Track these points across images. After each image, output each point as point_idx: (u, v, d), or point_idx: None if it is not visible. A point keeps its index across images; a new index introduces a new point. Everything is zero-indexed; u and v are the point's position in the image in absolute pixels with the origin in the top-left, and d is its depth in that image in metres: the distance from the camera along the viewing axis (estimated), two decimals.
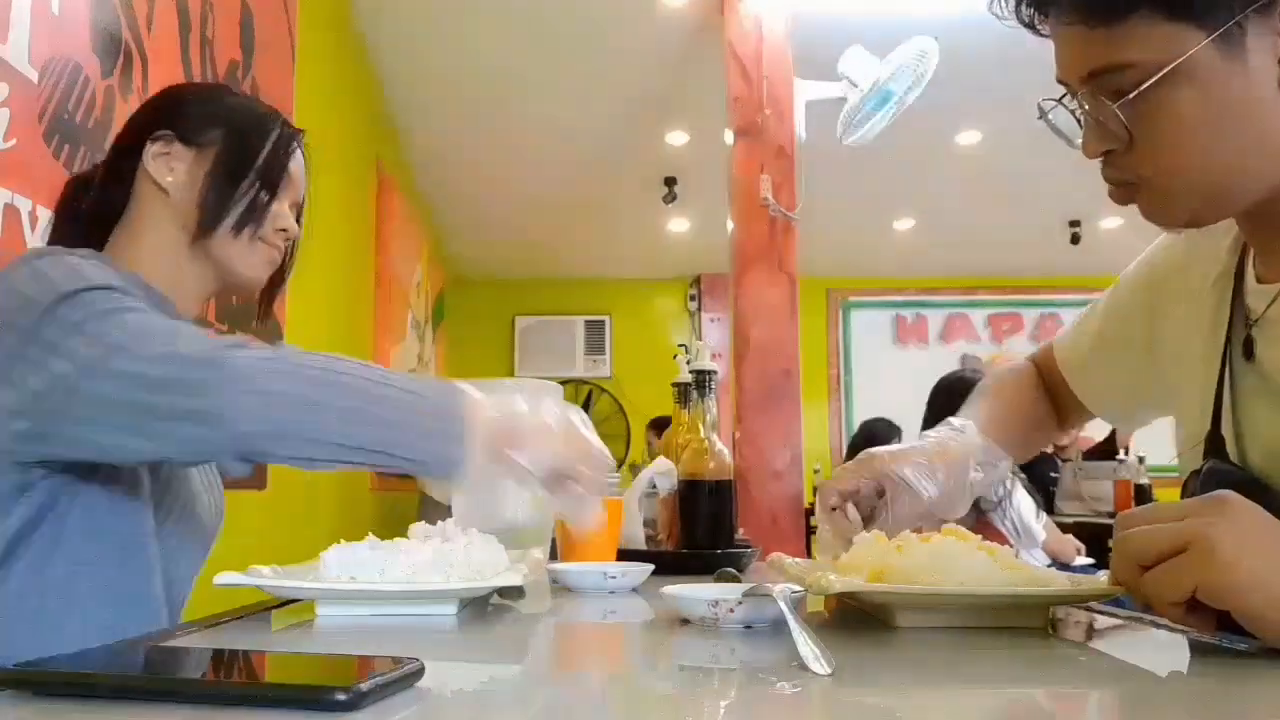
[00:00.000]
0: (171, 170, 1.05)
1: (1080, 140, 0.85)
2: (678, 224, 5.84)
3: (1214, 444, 0.89)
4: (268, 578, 0.79)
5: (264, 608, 0.87)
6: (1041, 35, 0.87)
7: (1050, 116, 0.88)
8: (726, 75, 3.31)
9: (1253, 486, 0.80)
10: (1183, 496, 0.90)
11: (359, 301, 3.77)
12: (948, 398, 3.36)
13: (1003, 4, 0.87)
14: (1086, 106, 0.83)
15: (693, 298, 7.01)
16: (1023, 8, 0.86)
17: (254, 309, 1.21)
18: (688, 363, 1.48)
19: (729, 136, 3.30)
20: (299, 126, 1.14)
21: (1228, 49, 0.76)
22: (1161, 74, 0.77)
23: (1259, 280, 0.89)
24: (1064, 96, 0.86)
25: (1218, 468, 0.86)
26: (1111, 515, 4.02)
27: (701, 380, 1.46)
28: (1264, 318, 0.86)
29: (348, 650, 0.57)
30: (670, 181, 5.12)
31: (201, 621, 0.81)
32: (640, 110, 4.33)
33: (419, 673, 0.51)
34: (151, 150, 1.05)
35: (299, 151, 1.13)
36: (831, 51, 2.77)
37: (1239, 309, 0.91)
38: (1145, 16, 0.77)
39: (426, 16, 3.57)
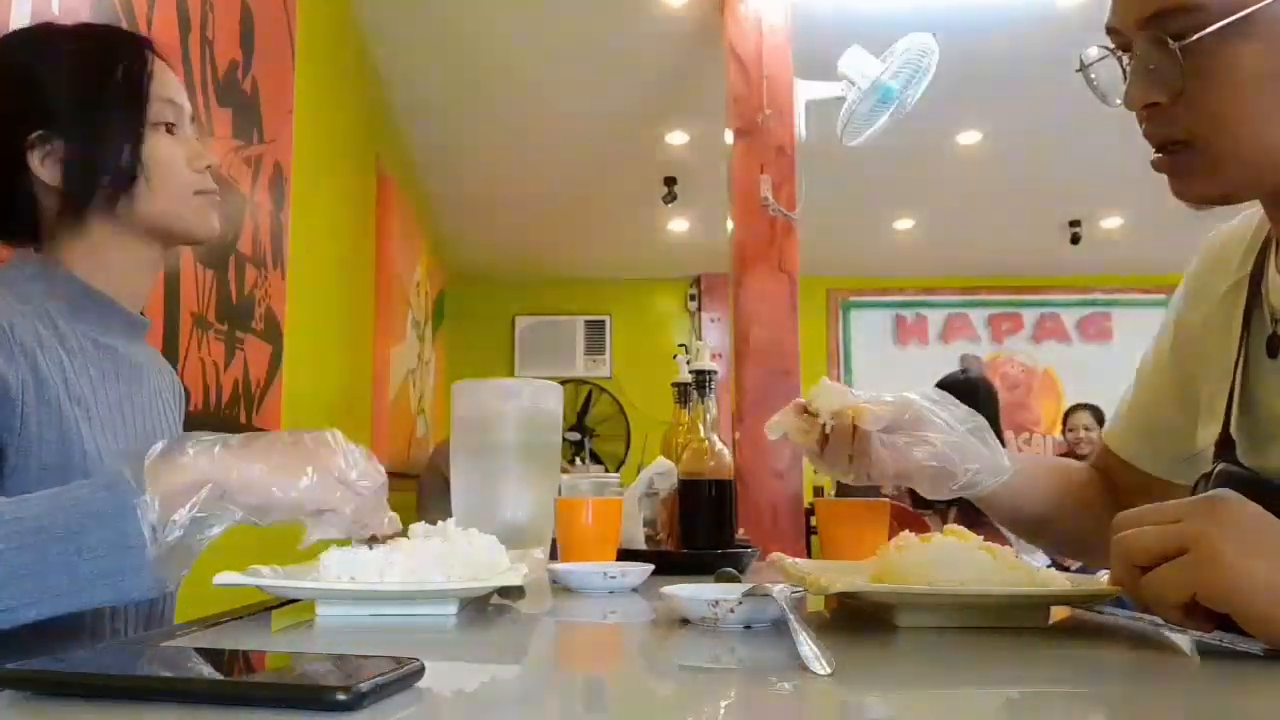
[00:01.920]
0: (61, 164, 0.96)
1: (1119, 99, 0.82)
2: (678, 224, 5.84)
3: (1224, 447, 0.88)
4: (268, 578, 0.79)
5: (264, 608, 0.87)
6: None
7: (1091, 68, 0.85)
8: (726, 75, 3.31)
9: (1263, 488, 0.79)
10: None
11: (359, 301, 3.77)
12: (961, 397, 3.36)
13: None
14: (1139, 53, 0.80)
15: (693, 298, 7.01)
16: None
17: (254, 308, 1.19)
18: (688, 363, 1.48)
19: (729, 136, 3.30)
20: (299, 126, 1.11)
21: None
22: (1230, 20, 0.74)
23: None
24: (1109, 50, 0.83)
25: (1229, 470, 0.85)
26: None
27: (701, 380, 1.46)
28: None
29: (348, 650, 0.57)
30: (670, 181, 5.13)
31: (201, 621, 0.81)
32: (640, 110, 4.34)
33: (419, 673, 0.51)
34: (35, 159, 0.96)
35: (159, 66, 1.01)
36: (831, 51, 2.77)
37: (1258, 309, 0.89)
38: None
39: (427, 16, 3.58)
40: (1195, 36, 0.75)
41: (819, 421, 1.01)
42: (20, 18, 1.33)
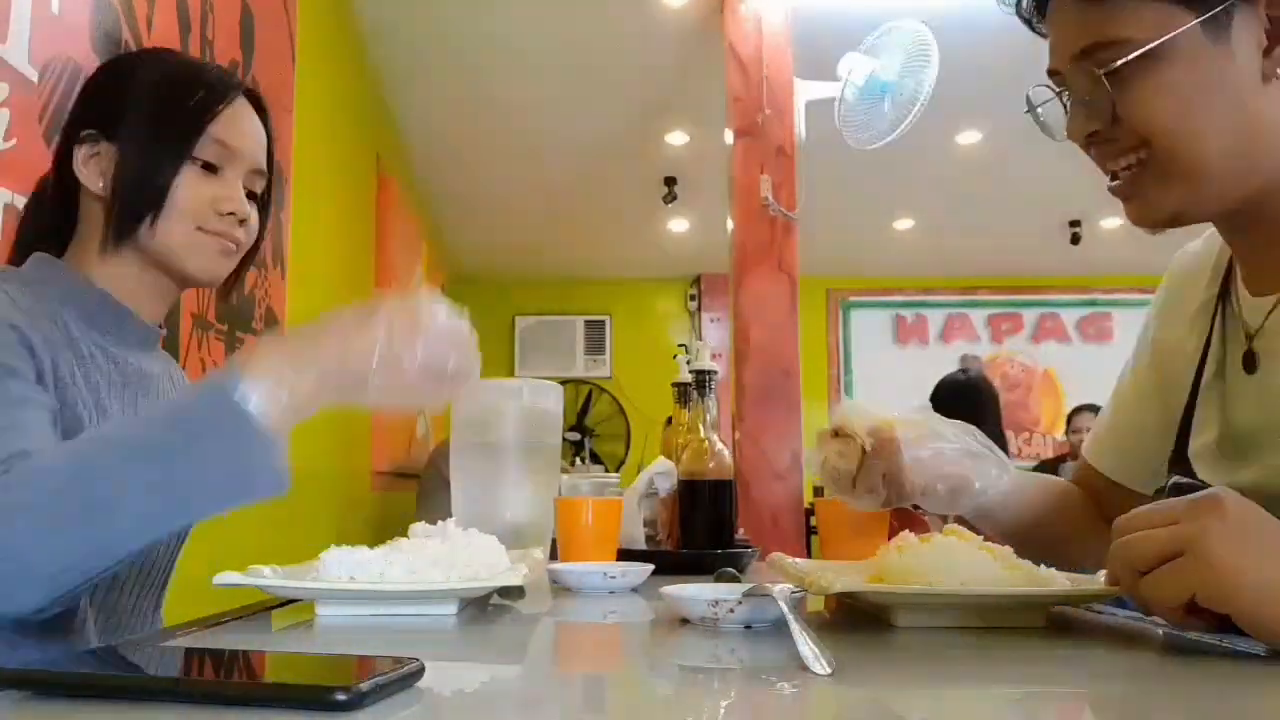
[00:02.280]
0: (102, 174, 0.98)
1: (1064, 134, 0.87)
2: (678, 224, 5.84)
3: (1177, 461, 0.89)
4: (268, 578, 0.79)
5: (264, 608, 0.87)
6: (1039, 33, 0.90)
7: (1039, 108, 0.90)
8: (726, 75, 3.31)
9: None
10: None
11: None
12: (949, 398, 3.37)
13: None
14: (1074, 87, 0.85)
15: (693, 298, 7.01)
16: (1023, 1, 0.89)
17: (254, 309, 1.19)
18: (688, 363, 1.48)
19: (729, 136, 3.30)
20: (299, 126, 1.10)
21: (1215, 33, 0.79)
22: (1150, 48, 0.79)
23: (1253, 294, 0.88)
24: (1053, 89, 0.88)
25: (1181, 482, 0.86)
26: None
27: (701, 380, 1.46)
28: (1264, 329, 0.86)
29: (348, 650, 0.57)
30: (670, 181, 5.13)
31: (201, 621, 0.81)
32: (640, 110, 4.34)
33: (419, 673, 0.51)
34: (80, 156, 0.98)
35: (241, 110, 1.03)
36: (831, 51, 2.77)
37: (1231, 326, 0.91)
38: None
39: (427, 16, 3.58)
40: (1120, 63, 0.80)
41: (856, 442, 1.01)
42: (20, 17, 1.33)
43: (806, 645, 0.59)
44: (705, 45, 3.63)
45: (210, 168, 1.00)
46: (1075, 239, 5.91)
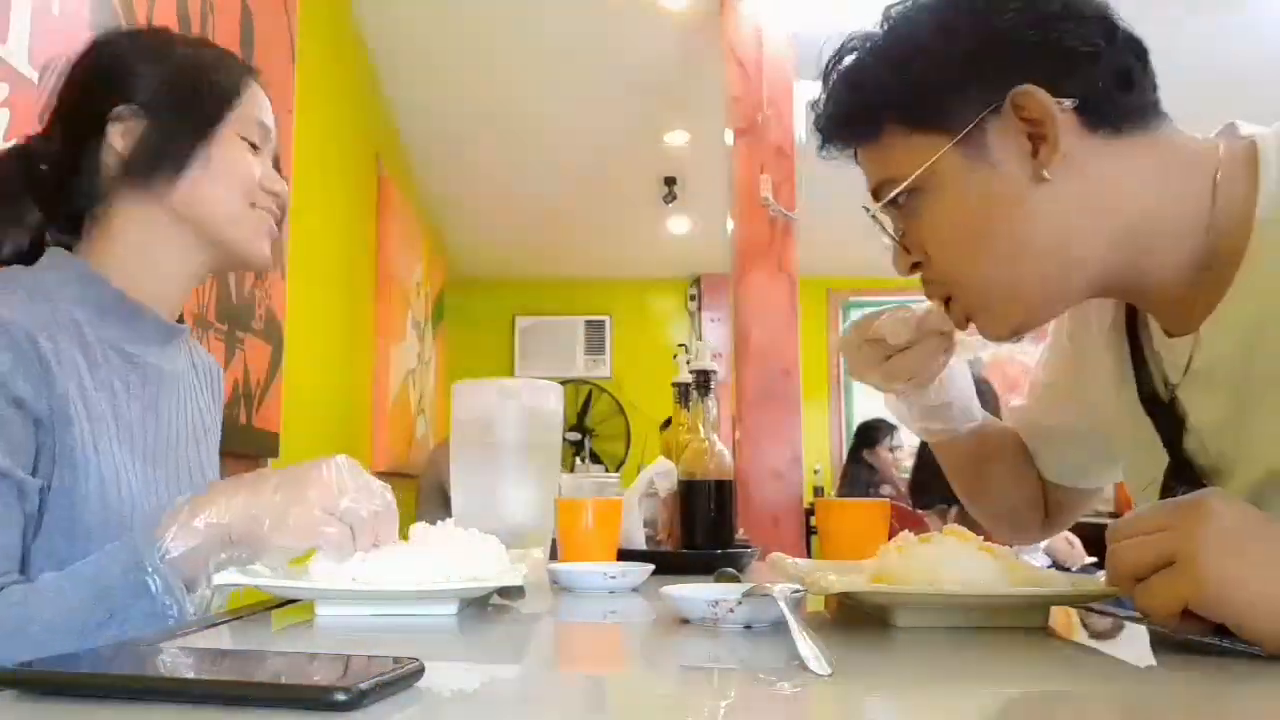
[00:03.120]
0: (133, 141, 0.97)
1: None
2: (678, 224, 5.84)
3: (1178, 473, 0.87)
4: (267, 578, 0.79)
5: (264, 608, 0.87)
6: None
7: (884, 241, 0.93)
8: (726, 75, 3.31)
9: None
10: None
11: (359, 301, 3.77)
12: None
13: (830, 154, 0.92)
14: (885, 225, 0.88)
15: (693, 298, 7.01)
16: (843, 154, 0.91)
17: (254, 308, 1.19)
18: (688, 363, 1.48)
19: (729, 136, 3.30)
20: (299, 126, 1.11)
21: (975, 152, 0.79)
22: (913, 181, 0.81)
23: (1169, 334, 0.86)
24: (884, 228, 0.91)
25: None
26: (1112, 515, 4.02)
27: (701, 380, 1.46)
28: (1189, 373, 0.83)
29: (348, 650, 0.57)
30: (670, 181, 5.13)
31: (201, 621, 0.81)
32: (640, 110, 4.33)
33: (419, 673, 0.51)
34: (115, 130, 0.97)
35: (257, 90, 1.06)
36: (831, 52, 2.77)
37: (1144, 369, 0.89)
38: (894, 130, 0.82)
39: (427, 16, 3.58)
40: (893, 202, 0.83)
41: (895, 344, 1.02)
42: (20, 17, 1.33)
43: (806, 645, 0.59)
44: (705, 45, 3.63)
45: (254, 147, 1.03)
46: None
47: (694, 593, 0.78)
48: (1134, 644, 0.74)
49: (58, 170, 0.98)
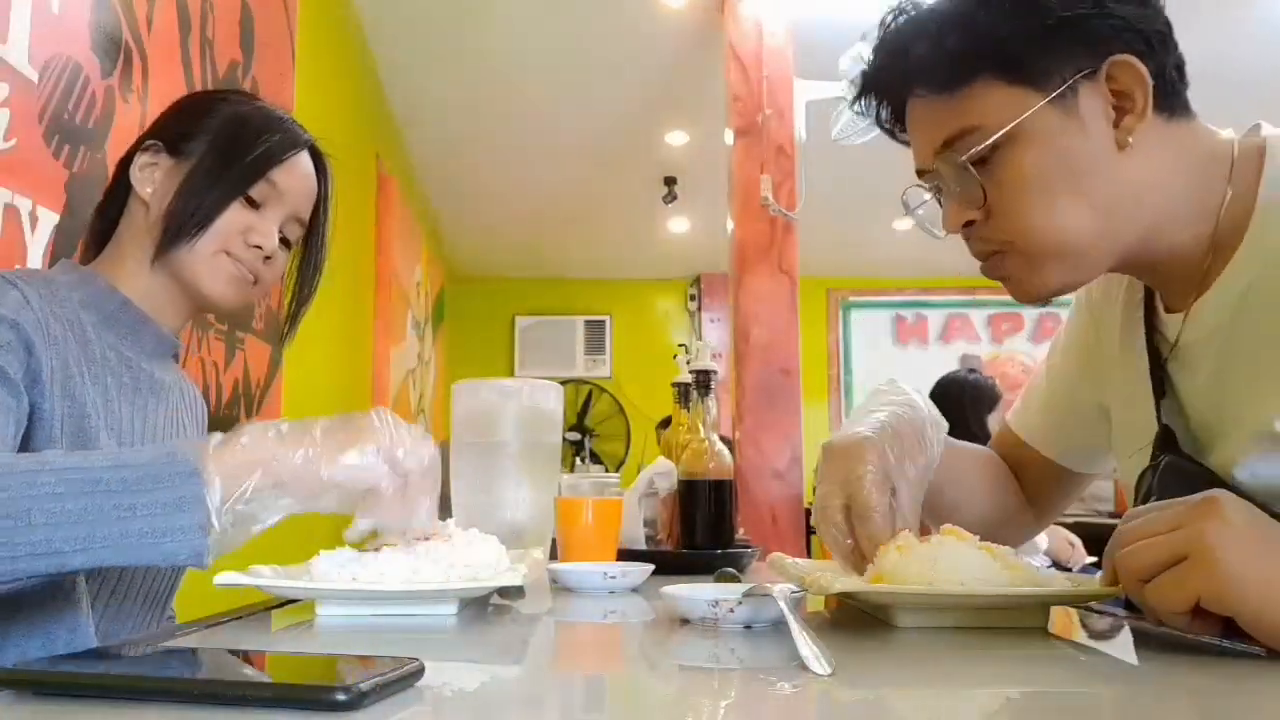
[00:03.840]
0: (153, 181, 1.03)
1: (942, 229, 0.90)
2: (678, 224, 5.84)
3: (1165, 440, 0.89)
4: (268, 578, 0.79)
5: (264, 608, 0.87)
6: (901, 141, 0.93)
7: (915, 210, 0.93)
8: (726, 75, 3.31)
9: (1211, 481, 0.81)
10: (1137, 496, 0.91)
11: (359, 301, 3.77)
12: (947, 398, 3.37)
13: (864, 108, 0.93)
14: (944, 180, 0.88)
15: (693, 298, 7.01)
16: (882, 109, 0.92)
17: (254, 309, 1.20)
18: (688, 363, 1.48)
19: (729, 136, 3.30)
20: (296, 118, 1.11)
21: (1064, 111, 0.81)
22: (1003, 133, 0.81)
23: (1167, 310, 0.91)
24: (925, 189, 0.91)
25: (1175, 462, 0.87)
26: (1112, 515, 4.02)
27: (701, 380, 1.46)
28: (1176, 346, 0.88)
29: (348, 650, 0.57)
30: (670, 181, 5.12)
31: (201, 621, 0.81)
32: (640, 110, 4.33)
33: (419, 673, 0.51)
34: (138, 162, 1.04)
35: (300, 159, 1.09)
36: (831, 51, 2.77)
37: (1153, 342, 0.93)
38: (986, 82, 0.83)
39: (427, 16, 3.58)
40: (976, 153, 0.82)
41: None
42: (20, 17, 1.33)
43: (806, 645, 0.59)
44: (705, 45, 3.63)
45: (252, 202, 1.05)
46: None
47: (694, 593, 0.78)
48: (1134, 644, 0.74)
49: (104, 197, 1.07)
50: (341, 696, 0.45)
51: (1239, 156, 0.84)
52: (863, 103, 0.93)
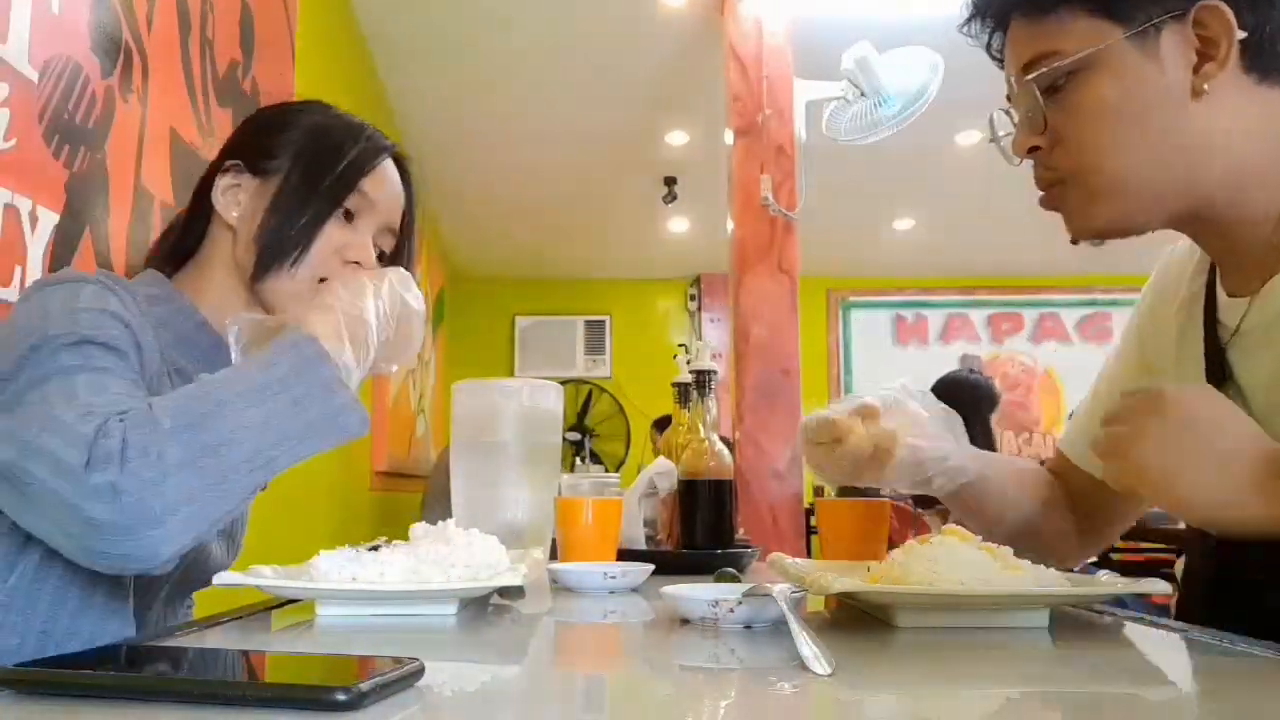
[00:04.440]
0: (238, 204, 1.00)
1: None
2: (678, 224, 5.84)
3: None
4: (268, 578, 0.79)
5: (264, 608, 0.87)
6: (999, 62, 0.94)
7: (1000, 136, 0.94)
8: (726, 75, 3.31)
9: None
10: None
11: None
12: (947, 398, 3.37)
13: (973, 32, 0.94)
14: (1018, 104, 0.89)
15: (693, 298, 7.01)
16: (980, 23, 0.93)
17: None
18: (688, 363, 1.48)
19: (729, 136, 3.30)
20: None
21: (1144, 48, 0.81)
22: (1076, 60, 0.82)
23: (1229, 295, 0.90)
24: (1007, 110, 0.92)
25: None
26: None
27: (701, 380, 1.46)
28: (1238, 333, 0.87)
29: (348, 650, 0.57)
30: (670, 181, 5.12)
31: (201, 621, 0.81)
32: (640, 110, 4.33)
33: (419, 673, 0.51)
34: (220, 184, 1.01)
35: (387, 167, 1.05)
36: (831, 51, 2.77)
37: (1212, 330, 0.91)
38: (1071, 10, 0.84)
39: (427, 16, 3.58)
40: (1047, 75, 0.84)
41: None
42: (20, 17, 1.33)
43: (806, 645, 0.59)
44: (705, 45, 3.63)
45: (348, 215, 1.02)
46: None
47: (694, 593, 0.78)
48: (1134, 644, 0.74)
49: (186, 213, 1.07)
50: (341, 696, 0.45)
51: None
52: (972, 27, 0.94)
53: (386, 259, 1.08)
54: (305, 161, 1.00)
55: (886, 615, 0.76)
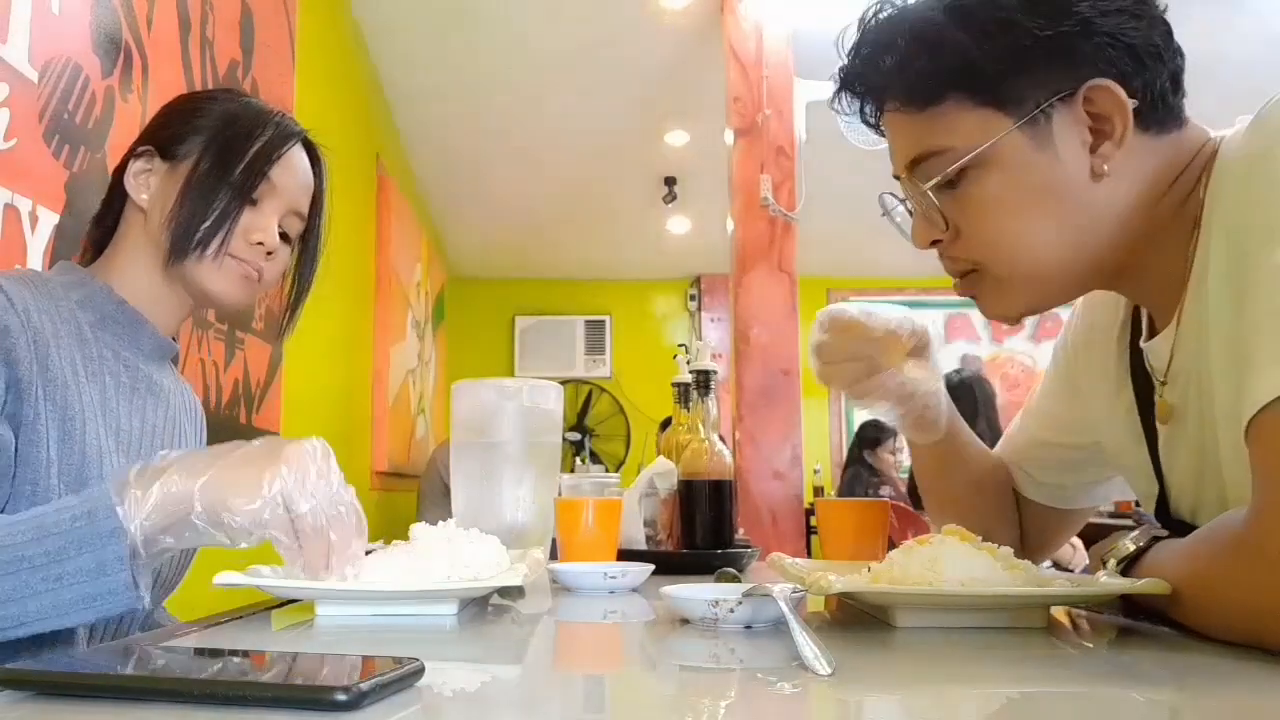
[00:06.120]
0: (148, 187, 1.03)
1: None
2: (678, 224, 5.84)
3: (1162, 505, 0.89)
4: (268, 578, 0.79)
5: (264, 608, 0.87)
6: (882, 135, 0.90)
7: (892, 212, 0.91)
8: (726, 75, 3.31)
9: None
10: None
11: (359, 301, 3.77)
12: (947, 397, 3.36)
13: (846, 104, 0.90)
14: (911, 197, 0.86)
15: (693, 298, 7.01)
16: (864, 107, 0.89)
17: (253, 309, 1.20)
18: (688, 363, 1.48)
19: (729, 136, 3.30)
20: (296, 118, 1.11)
21: (1035, 137, 0.78)
22: (970, 158, 0.79)
23: (1153, 327, 0.87)
24: (898, 197, 0.89)
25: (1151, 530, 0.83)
26: (1112, 515, 4.02)
27: (701, 380, 1.46)
28: (1170, 377, 0.83)
29: (348, 650, 0.57)
30: (670, 181, 5.13)
31: (201, 621, 0.81)
32: (640, 110, 4.34)
33: (419, 673, 0.51)
34: (132, 168, 1.04)
35: (294, 153, 1.08)
36: (831, 51, 2.77)
37: (1141, 370, 0.89)
38: (957, 102, 0.80)
39: (427, 16, 3.58)
40: (943, 177, 0.80)
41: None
42: (20, 17, 1.33)
43: (806, 645, 0.59)
44: (705, 45, 3.63)
45: (252, 200, 1.04)
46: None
47: (694, 593, 0.78)
48: (1134, 644, 0.74)
49: (104, 200, 1.07)
50: (341, 696, 0.45)
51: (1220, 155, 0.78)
52: (842, 101, 0.89)
53: (295, 242, 1.12)
54: (216, 148, 1.02)
55: (886, 615, 0.76)
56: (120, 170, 1.06)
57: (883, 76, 0.85)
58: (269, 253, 1.06)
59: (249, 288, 1.06)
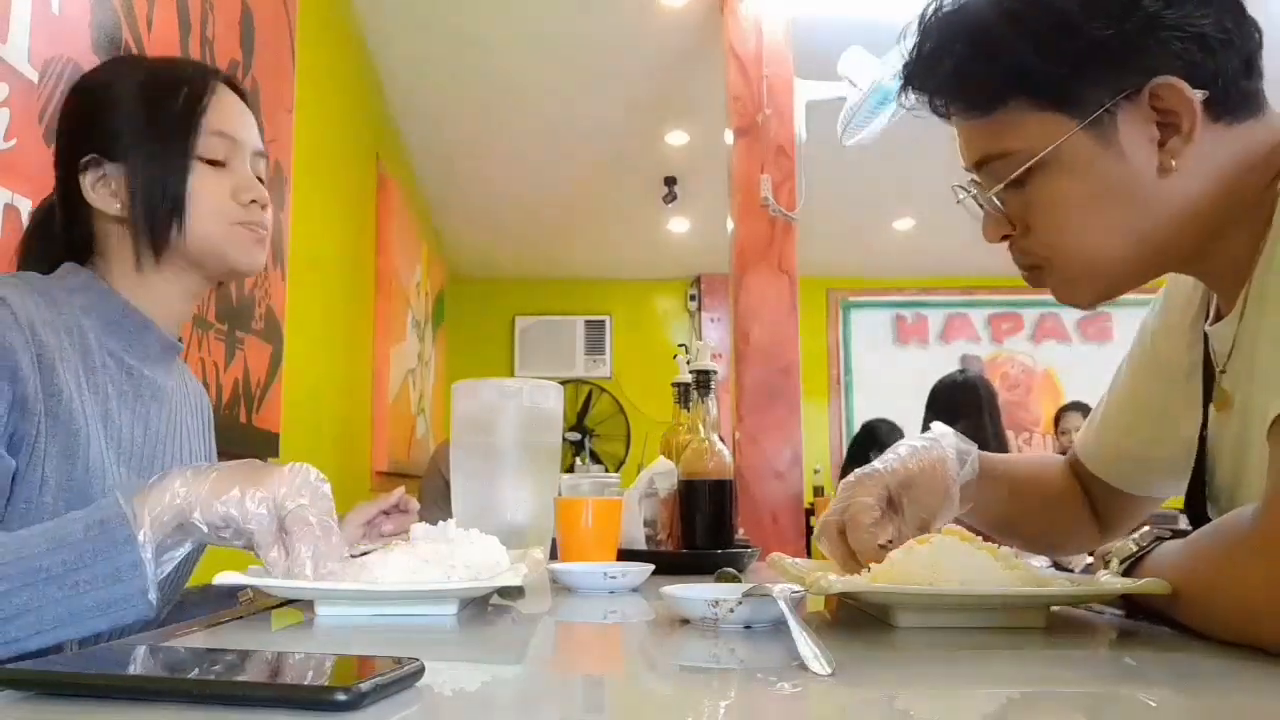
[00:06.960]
0: (114, 195, 1.00)
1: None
2: (678, 224, 5.84)
3: (1193, 496, 0.88)
4: (268, 578, 0.79)
5: (264, 608, 0.87)
6: (945, 118, 0.90)
7: (964, 203, 0.91)
8: (726, 75, 3.31)
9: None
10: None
11: (359, 301, 3.77)
12: (947, 398, 3.37)
13: (912, 99, 0.90)
14: (980, 195, 0.86)
15: (693, 298, 7.01)
16: (933, 100, 0.88)
17: (253, 309, 1.20)
18: (688, 363, 1.48)
19: (729, 136, 3.30)
20: (299, 126, 1.11)
21: (1101, 137, 0.77)
22: (1033, 162, 0.79)
23: (1221, 312, 0.86)
24: (971, 183, 0.89)
25: (1158, 534, 0.81)
26: None
27: (701, 380, 1.46)
28: (1229, 364, 0.83)
29: (348, 650, 0.57)
30: (670, 181, 5.12)
31: (201, 621, 0.81)
32: (640, 110, 4.33)
33: (419, 673, 0.51)
34: (87, 182, 1.00)
35: (224, 99, 1.04)
36: (831, 51, 2.77)
37: (1208, 353, 0.89)
38: (1017, 107, 0.80)
39: (426, 16, 3.58)
40: (1002, 185, 0.81)
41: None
42: (20, 17, 1.33)
43: (806, 645, 0.59)
44: (705, 45, 3.63)
45: (216, 163, 1.03)
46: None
47: (694, 593, 0.78)
48: (1134, 644, 0.74)
49: (62, 218, 1.03)
50: (341, 696, 0.45)
51: None
52: (907, 97, 0.89)
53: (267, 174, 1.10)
54: (145, 119, 1.00)
55: (886, 615, 0.76)
56: (68, 188, 1.02)
57: (942, 81, 0.85)
58: (264, 206, 1.06)
59: (264, 248, 1.07)
